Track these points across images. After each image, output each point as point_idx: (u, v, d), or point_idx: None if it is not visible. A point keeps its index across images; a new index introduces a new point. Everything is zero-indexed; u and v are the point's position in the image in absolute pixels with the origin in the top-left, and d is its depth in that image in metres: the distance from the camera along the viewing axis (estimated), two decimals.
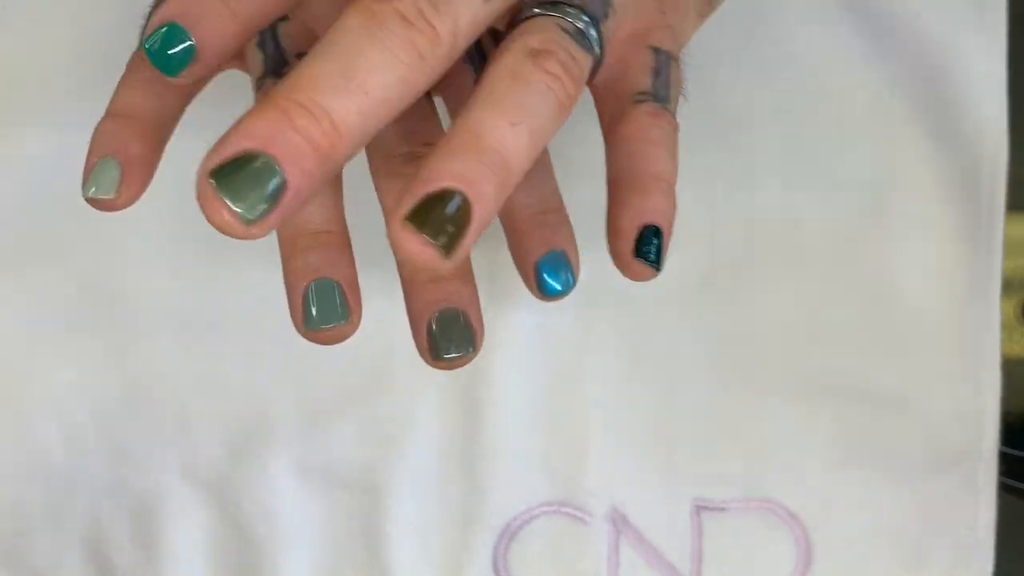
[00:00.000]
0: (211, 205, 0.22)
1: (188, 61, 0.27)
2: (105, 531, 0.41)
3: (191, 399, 0.41)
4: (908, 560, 0.41)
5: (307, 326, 0.30)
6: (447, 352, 0.31)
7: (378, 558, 0.41)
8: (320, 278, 0.30)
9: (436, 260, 0.23)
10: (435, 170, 0.23)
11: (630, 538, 0.41)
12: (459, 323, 0.31)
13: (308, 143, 0.22)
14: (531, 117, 0.24)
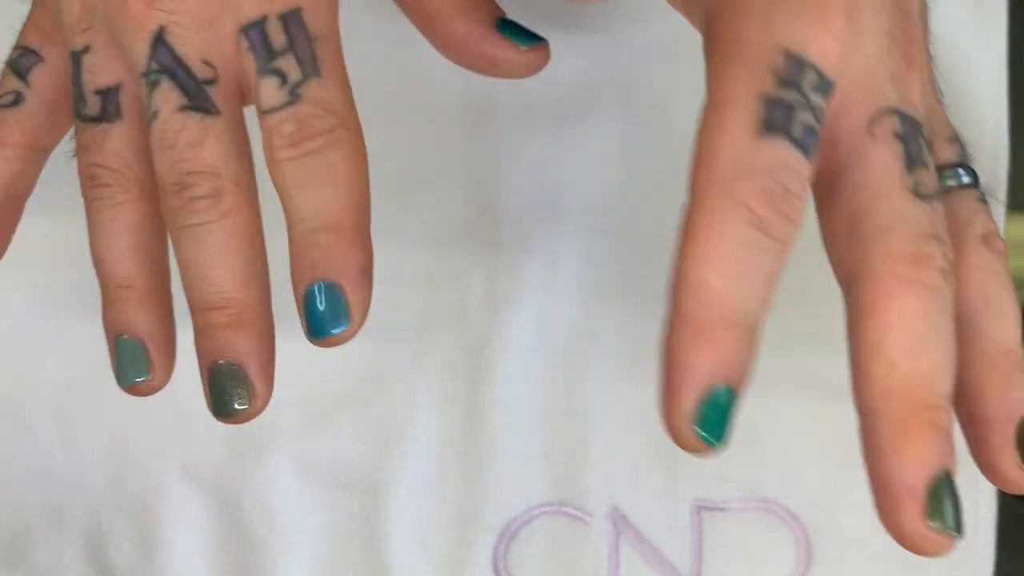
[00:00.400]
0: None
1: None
2: (105, 531, 0.41)
3: (191, 399, 0.41)
4: (908, 560, 0.41)
5: (120, 382, 0.30)
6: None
7: (378, 558, 0.41)
8: (121, 335, 0.30)
9: None
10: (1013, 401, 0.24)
11: (630, 538, 0.41)
12: (238, 376, 0.29)
13: None
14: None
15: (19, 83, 0.31)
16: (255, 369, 0.29)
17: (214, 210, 0.27)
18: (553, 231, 0.41)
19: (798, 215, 0.24)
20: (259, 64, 0.28)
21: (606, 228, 0.41)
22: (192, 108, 0.28)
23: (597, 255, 0.42)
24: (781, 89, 0.24)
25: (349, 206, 0.27)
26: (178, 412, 0.41)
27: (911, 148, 0.25)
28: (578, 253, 0.41)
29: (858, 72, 0.25)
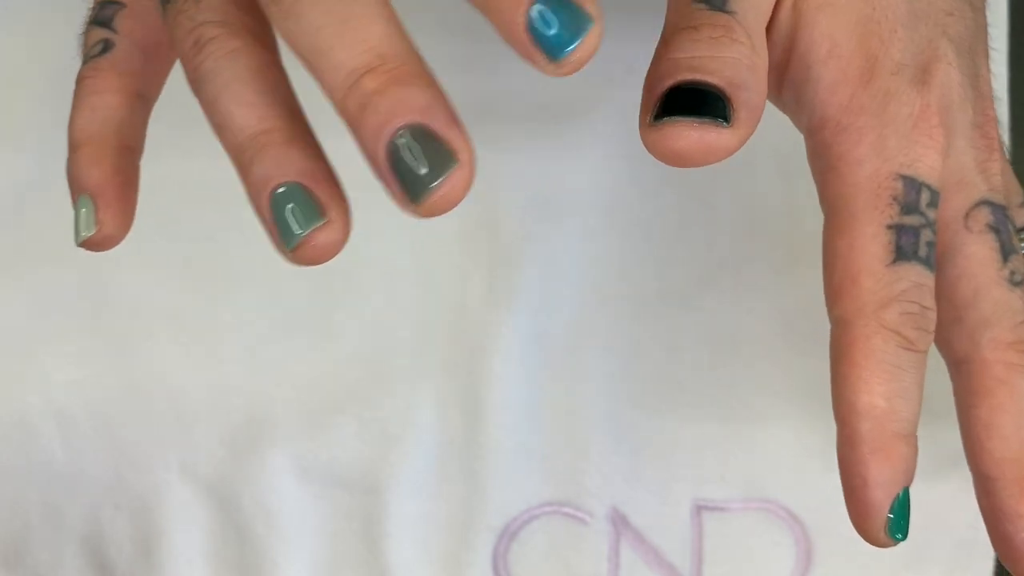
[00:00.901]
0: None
1: None
2: (105, 531, 0.41)
3: (191, 399, 0.41)
4: (908, 560, 0.41)
5: (288, 246, 0.25)
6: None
7: (378, 558, 0.41)
8: (276, 186, 0.25)
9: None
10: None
11: (630, 538, 0.41)
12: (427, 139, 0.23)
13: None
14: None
15: (105, 31, 0.30)
16: (443, 121, 0.23)
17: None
18: (553, 231, 0.41)
19: (934, 326, 0.26)
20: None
21: (606, 228, 0.41)
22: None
23: (597, 255, 0.42)
24: (904, 216, 0.25)
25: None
26: (178, 412, 0.41)
27: (1003, 237, 0.27)
28: (578, 253, 0.41)
29: (953, 171, 0.27)
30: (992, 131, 0.28)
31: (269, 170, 0.25)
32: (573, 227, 0.41)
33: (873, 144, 0.26)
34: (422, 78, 0.23)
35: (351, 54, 0.23)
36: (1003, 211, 0.27)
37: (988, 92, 0.28)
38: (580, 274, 0.41)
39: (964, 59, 0.28)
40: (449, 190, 0.23)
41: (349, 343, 0.41)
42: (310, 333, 0.41)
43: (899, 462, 0.25)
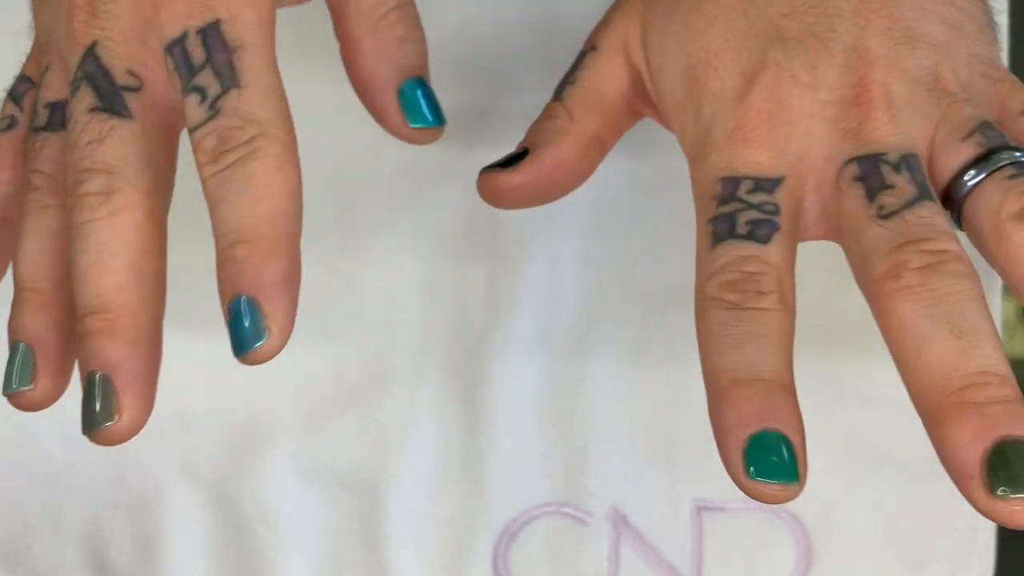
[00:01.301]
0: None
1: None
2: (104, 531, 0.41)
3: (190, 399, 0.41)
4: (909, 560, 0.41)
5: (3, 389, 0.29)
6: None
7: (378, 558, 0.41)
8: (17, 340, 0.28)
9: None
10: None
11: (630, 538, 0.41)
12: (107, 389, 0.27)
13: None
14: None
15: (14, 108, 0.32)
16: (123, 381, 0.27)
17: (102, 208, 0.27)
18: (553, 231, 0.41)
19: (767, 284, 0.28)
20: (183, 82, 0.27)
21: (606, 228, 0.41)
22: (102, 109, 0.28)
23: (597, 255, 0.42)
24: (720, 207, 0.29)
25: (267, 216, 0.26)
26: (177, 412, 0.41)
27: (870, 182, 0.29)
28: (578, 253, 0.41)
29: (806, 154, 0.30)
30: (876, 92, 0.30)
31: (17, 325, 0.28)
32: (573, 227, 0.41)
33: (703, 165, 0.30)
34: (128, 335, 0.27)
35: (88, 293, 0.27)
36: (874, 159, 0.29)
37: (879, 54, 0.30)
38: (580, 274, 0.41)
39: (807, 52, 0.30)
40: (105, 438, 0.27)
41: (349, 343, 0.41)
42: (310, 333, 0.41)
43: (741, 406, 0.26)
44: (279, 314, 0.26)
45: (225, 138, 0.27)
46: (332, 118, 0.41)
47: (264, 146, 0.27)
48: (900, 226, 0.28)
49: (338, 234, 0.41)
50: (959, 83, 0.30)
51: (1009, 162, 0.28)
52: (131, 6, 0.28)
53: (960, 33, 0.32)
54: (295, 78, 0.41)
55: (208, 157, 0.27)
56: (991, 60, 0.32)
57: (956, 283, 0.26)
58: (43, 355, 0.28)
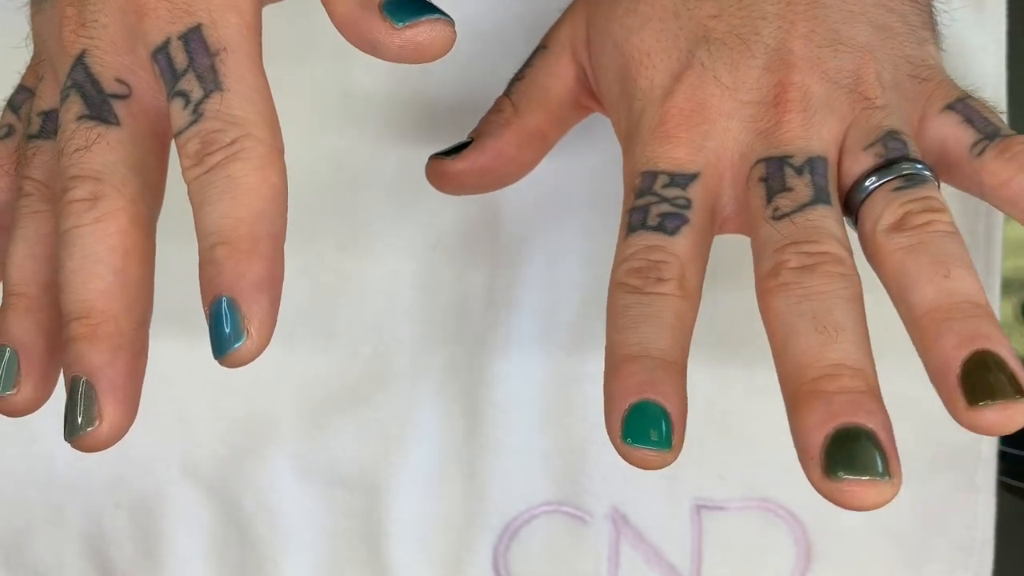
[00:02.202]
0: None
1: None
2: (105, 530, 0.41)
3: (191, 398, 0.41)
4: (908, 560, 0.41)
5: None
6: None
7: (378, 557, 0.41)
8: (1, 345, 0.28)
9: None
10: (948, 348, 0.27)
11: (630, 538, 0.41)
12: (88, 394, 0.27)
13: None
14: (965, 261, 0.28)
15: (12, 117, 0.32)
16: (105, 387, 0.26)
17: (88, 214, 0.27)
18: (553, 231, 0.41)
19: (668, 272, 0.30)
20: (167, 88, 0.28)
21: (606, 228, 0.41)
22: (89, 117, 0.28)
23: (597, 255, 0.42)
24: (637, 200, 0.31)
25: (247, 217, 0.26)
26: (179, 412, 0.41)
27: (772, 183, 0.30)
28: (578, 253, 0.41)
29: (723, 152, 0.31)
30: (793, 96, 0.31)
31: (1, 327, 0.28)
32: (573, 227, 0.41)
33: (629, 158, 0.32)
34: (111, 341, 0.26)
35: (72, 299, 0.27)
36: (780, 161, 0.30)
37: (801, 56, 0.32)
38: (580, 274, 0.41)
39: (731, 53, 0.32)
40: (86, 443, 0.26)
41: (350, 343, 0.41)
42: (311, 333, 0.41)
43: (627, 378, 0.28)
44: (258, 315, 0.26)
45: (208, 141, 0.27)
46: (334, 118, 0.41)
47: (247, 147, 0.27)
48: (787, 227, 0.29)
49: (339, 234, 0.41)
50: (881, 85, 0.31)
51: (898, 175, 0.30)
52: (117, 16, 0.28)
53: (888, 34, 0.32)
54: (297, 79, 0.41)
55: (192, 160, 0.27)
56: (920, 60, 0.33)
57: (828, 283, 0.28)
58: (27, 360, 0.28)
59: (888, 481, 0.27)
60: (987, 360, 0.27)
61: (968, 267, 0.28)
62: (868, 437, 0.27)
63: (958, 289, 0.28)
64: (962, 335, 0.27)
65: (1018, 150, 0.30)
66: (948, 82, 0.33)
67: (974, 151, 0.31)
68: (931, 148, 0.32)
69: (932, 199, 0.29)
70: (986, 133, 0.31)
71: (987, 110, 0.32)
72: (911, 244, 0.29)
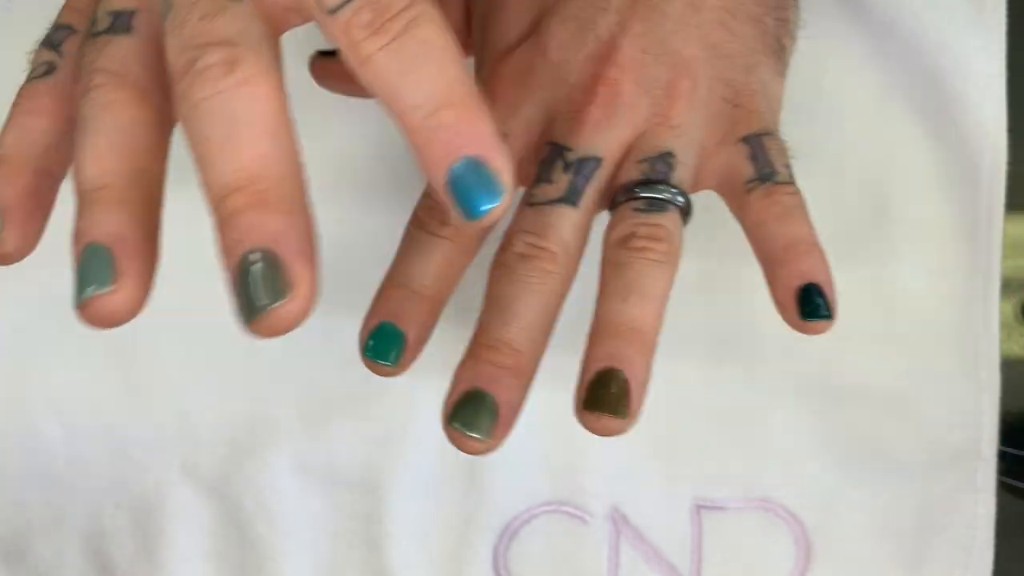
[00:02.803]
0: (461, 442, 0.31)
1: None
2: (106, 530, 0.41)
3: (192, 398, 0.41)
4: (907, 559, 0.41)
5: (77, 299, 0.25)
6: None
7: (378, 557, 0.41)
8: (88, 243, 0.25)
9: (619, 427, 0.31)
10: (592, 359, 0.31)
11: (630, 537, 0.41)
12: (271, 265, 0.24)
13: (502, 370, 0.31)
14: (649, 291, 0.31)
15: (52, 54, 0.30)
16: (292, 251, 0.24)
17: (227, 78, 0.24)
18: None
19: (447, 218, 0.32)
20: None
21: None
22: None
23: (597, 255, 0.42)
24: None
25: (456, 78, 0.25)
26: (179, 411, 0.41)
27: (543, 170, 0.33)
28: None
29: (532, 120, 0.34)
30: (601, 87, 0.33)
31: (88, 225, 0.25)
32: None
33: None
34: (283, 204, 0.24)
35: (225, 170, 0.24)
36: (560, 148, 0.33)
37: (625, 55, 0.33)
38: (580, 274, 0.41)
39: (567, 33, 0.34)
40: (276, 321, 0.24)
41: (350, 342, 0.41)
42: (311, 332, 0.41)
43: (386, 303, 0.33)
44: (506, 165, 0.25)
45: (382, 8, 0.25)
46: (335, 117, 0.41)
47: (423, 10, 0.25)
48: (529, 215, 0.32)
49: (340, 234, 0.41)
50: (689, 103, 0.33)
51: (648, 196, 0.32)
52: None
53: (716, 54, 0.34)
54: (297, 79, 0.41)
55: (367, 31, 0.25)
56: (742, 85, 0.34)
57: (534, 276, 0.32)
58: (124, 253, 0.25)
59: (489, 442, 0.31)
60: (611, 378, 0.31)
61: (649, 298, 0.31)
62: (488, 402, 0.31)
63: (625, 312, 0.31)
64: (607, 351, 0.31)
65: (778, 199, 0.33)
66: (758, 113, 0.34)
67: (746, 187, 0.33)
68: (718, 172, 0.34)
69: (660, 228, 0.32)
70: (762, 175, 0.33)
71: (777, 151, 0.33)
72: (619, 262, 0.31)
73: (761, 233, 0.33)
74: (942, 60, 0.41)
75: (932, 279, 0.41)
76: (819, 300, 0.32)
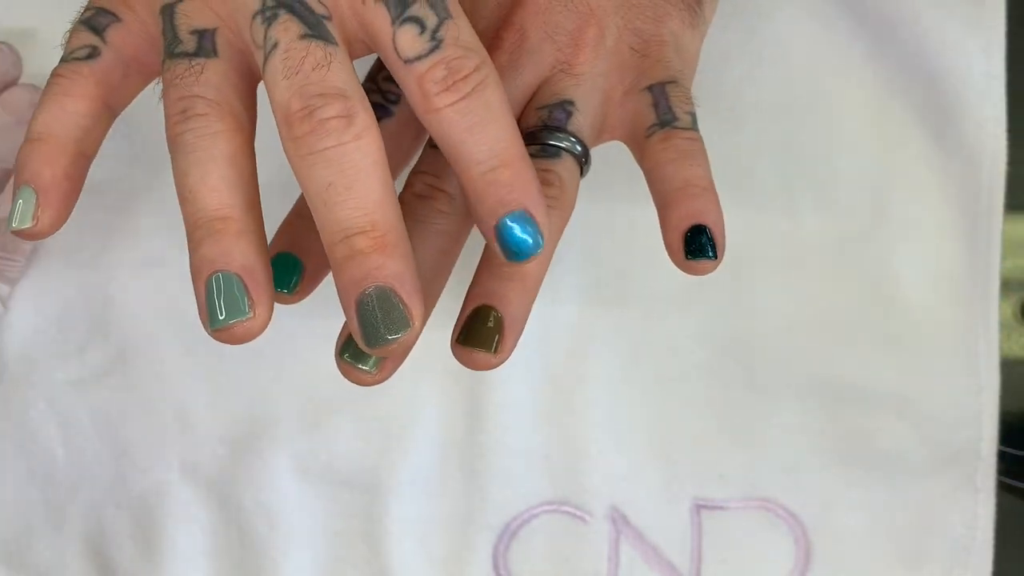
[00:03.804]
0: (351, 374, 0.31)
1: None
2: (106, 530, 0.41)
3: (192, 398, 0.41)
4: (907, 559, 0.41)
5: (211, 325, 0.27)
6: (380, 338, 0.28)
7: (378, 556, 0.41)
8: (216, 271, 0.27)
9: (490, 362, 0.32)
10: (473, 293, 0.31)
11: (630, 537, 0.41)
12: (390, 301, 0.27)
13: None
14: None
15: (95, 38, 0.31)
16: (409, 290, 0.27)
17: (348, 131, 0.27)
18: None
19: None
20: (393, 13, 0.28)
21: (606, 228, 0.42)
22: (313, 36, 0.28)
23: (597, 255, 0.42)
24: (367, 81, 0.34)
25: (514, 139, 0.28)
26: (178, 411, 0.41)
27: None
28: (578, 253, 0.41)
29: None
30: (505, 33, 0.33)
31: (215, 255, 0.27)
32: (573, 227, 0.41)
33: None
34: (399, 248, 0.27)
35: (350, 216, 0.27)
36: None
37: (534, 2, 0.33)
38: (580, 275, 0.42)
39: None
40: (398, 346, 0.28)
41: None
42: (311, 332, 0.41)
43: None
44: (546, 221, 0.29)
45: (455, 68, 0.28)
46: None
47: (489, 73, 0.28)
48: (430, 156, 0.33)
49: None
50: (595, 51, 0.33)
51: (543, 143, 0.32)
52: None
53: (624, 4, 0.34)
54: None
55: (440, 87, 0.28)
56: (650, 34, 0.34)
57: (426, 214, 0.32)
58: (254, 282, 0.27)
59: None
60: (487, 314, 0.31)
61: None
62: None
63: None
64: (486, 289, 0.32)
65: (675, 143, 0.32)
66: (664, 63, 0.34)
67: (646, 133, 0.33)
68: (623, 121, 0.34)
69: (551, 173, 0.32)
70: (663, 120, 0.33)
71: (680, 99, 0.33)
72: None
73: (656, 176, 0.32)
74: (942, 61, 0.41)
75: (931, 279, 0.41)
76: (704, 240, 0.31)
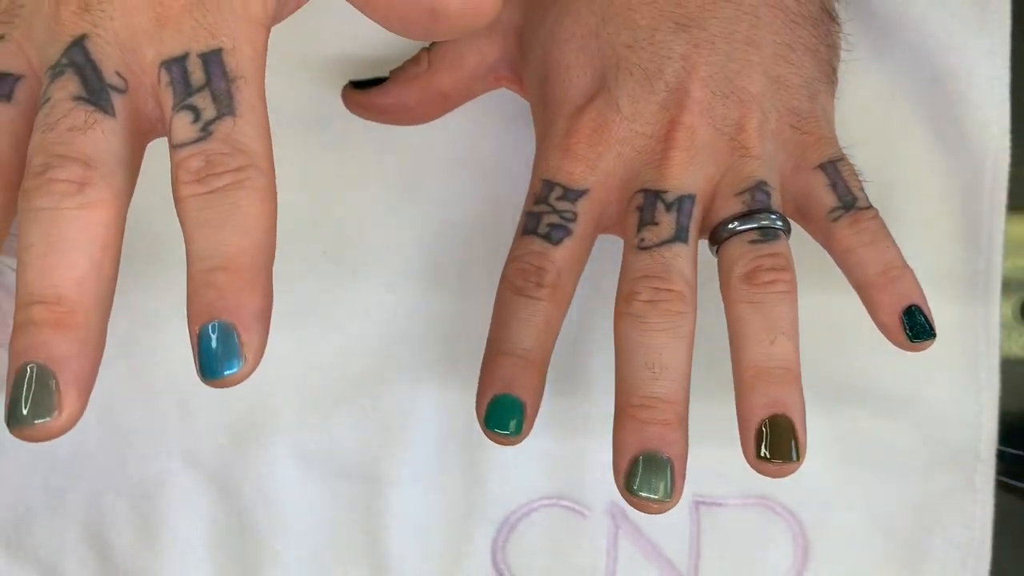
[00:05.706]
0: (644, 507, 0.33)
1: None
2: (106, 518, 0.41)
3: (193, 387, 0.41)
4: (906, 558, 0.41)
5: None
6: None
7: (377, 547, 0.41)
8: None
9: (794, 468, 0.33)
10: (756, 406, 0.33)
11: (628, 532, 0.41)
12: (46, 385, 0.25)
13: None
14: (788, 327, 0.33)
15: None
16: (69, 379, 0.24)
17: (73, 198, 0.25)
18: None
19: (549, 279, 0.34)
20: (176, 99, 0.27)
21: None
22: (87, 100, 0.27)
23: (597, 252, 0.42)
24: (534, 206, 0.35)
25: (249, 248, 0.26)
26: (180, 399, 0.41)
27: (644, 215, 0.34)
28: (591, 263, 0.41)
29: (613, 173, 0.35)
30: (679, 133, 0.35)
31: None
32: None
33: (536, 162, 0.36)
34: (80, 332, 0.25)
35: (38, 281, 0.25)
36: (656, 195, 0.34)
37: (696, 99, 0.35)
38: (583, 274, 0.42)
39: (636, 85, 0.35)
40: (36, 434, 0.25)
41: (352, 334, 0.42)
42: (313, 323, 0.41)
43: (497, 370, 0.34)
44: (255, 344, 0.26)
45: (213, 162, 0.26)
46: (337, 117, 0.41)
47: (252, 177, 0.26)
48: (646, 260, 0.34)
49: (344, 226, 0.42)
50: (761, 135, 0.35)
51: (758, 226, 0.34)
52: (129, 13, 0.27)
53: (780, 86, 0.35)
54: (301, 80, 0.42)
55: (192, 176, 0.26)
56: (807, 112, 0.36)
57: (663, 321, 0.33)
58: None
59: (670, 501, 0.32)
60: (781, 424, 0.32)
61: (790, 334, 0.33)
62: (663, 463, 0.32)
63: (775, 355, 0.33)
64: (771, 398, 0.33)
65: (864, 227, 0.35)
66: (826, 139, 0.36)
67: (831, 216, 0.35)
68: (796, 196, 0.36)
69: (780, 256, 0.34)
70: (844, 203, 0.35)
71: (852, 176, 0.36)
72: (753, 301, 0.33)
73: (853, 260, 0.35)
74: (945, 61, 0.41)
75: (932, 279, 0.41)
76: (922, 320, 0.34)
